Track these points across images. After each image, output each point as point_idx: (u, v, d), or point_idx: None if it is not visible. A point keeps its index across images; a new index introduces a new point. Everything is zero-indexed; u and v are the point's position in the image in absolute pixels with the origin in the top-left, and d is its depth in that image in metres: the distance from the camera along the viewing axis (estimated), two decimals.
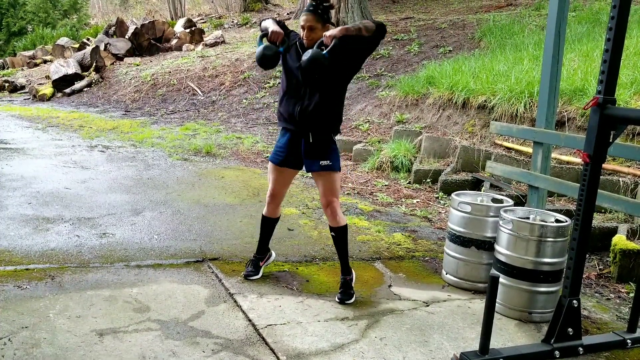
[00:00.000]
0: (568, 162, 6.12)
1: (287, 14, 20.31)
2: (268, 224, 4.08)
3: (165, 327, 3.24)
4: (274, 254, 4.24)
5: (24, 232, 4.64)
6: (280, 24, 3.75)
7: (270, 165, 3.93)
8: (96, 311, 3.37)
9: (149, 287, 3.77)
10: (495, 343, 3.18)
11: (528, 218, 3.74)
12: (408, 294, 3.97)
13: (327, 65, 3.40)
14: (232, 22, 21.08)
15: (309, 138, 3.69)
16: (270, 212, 4.03)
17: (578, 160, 5.82)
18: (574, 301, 3.05)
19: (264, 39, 3.69)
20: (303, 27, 3.57)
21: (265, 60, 3.61)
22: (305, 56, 3.41)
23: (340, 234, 3.79)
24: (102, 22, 25.83)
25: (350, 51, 3.54)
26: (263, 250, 4.13)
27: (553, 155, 5.76)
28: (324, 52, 3.40)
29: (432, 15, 15.12)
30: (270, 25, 3.68)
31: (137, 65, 15.44)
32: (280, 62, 3.70)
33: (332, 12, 3.61)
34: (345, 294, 3.76)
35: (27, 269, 3.92)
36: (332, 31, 3.43)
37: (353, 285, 3.84)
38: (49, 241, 4.47)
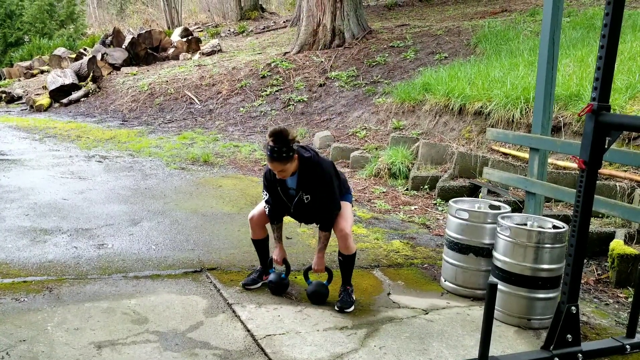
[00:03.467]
0: (565, 168, 6.13)
1: (284, 22, 20.39)
2: (260, 245, 4.14)
3: (163, 338, 3.23)
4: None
5: (21, 244, 4.63)
6: (275, 210, 3.92)
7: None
8: (94, 323, 3.36)
9: (147, 298, 3.76)
10: (494, 350, 3.18)
11: (525, 224, 3.75)
12: (407, 301, 3.96)
13: (328, 294, 3.89)
14: (229, 30, 21.14)
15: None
16: (256, 235, 4.08)
17: (575, 165, 5.83)
18: (573, 307, 3.05)
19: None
20: (273, 170, 3.63)
21: (274, 293, 3.99)
22: (310, 292, 3.88)
23: (348, 260, 3.85)
24: (99, 32, 25.88)
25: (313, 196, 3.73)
26: (266, 266, 4.14)
27: (550, 160, 5.77)
28: (325, 282, 3.92)
29: (428, 22, 15.18)
30: (274, 253, 4.02)
31: (134, 74, 15.45)
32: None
33: (292, 141, 3.58)
34: (344, 302, 3.76)
35: (24, 282, 3.91)
36: (317, 264, 3.88)
37: (352, 294, 3.84)
38: (46, 253, 4.46)
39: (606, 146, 2.84)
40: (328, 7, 13.14)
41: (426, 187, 6.97)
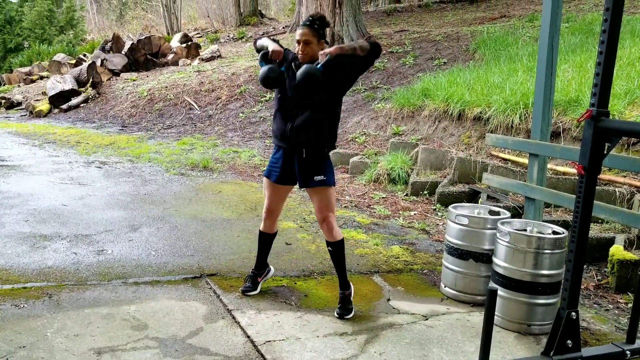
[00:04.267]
0: (564, 173, 6.14)
1: (283, 27, 20.42)
2: (265, 240, 4.08)
3: (163, 344, 3.23)
4: (272, 270, 4.24)
5: (21, 250, 4.63)
6: (275, 42, 3.78)
7: (265, 180, 3.94)
8: (94, 329, 3.35)
9: (146, 304, 3.76)
10: (494, 356, 3.17)
11: (525, 230, 3.75)
12: (407, 307, 3.96)
13: (321, 79, 3.42)
14: (228, 36, 21.17)
15: (302, 154, 3.70)
16: (267, 227, 4.03)
17: (574, 171, 5.84)
18: (573, 313, 3.04)
19: (265, 58, 3.71)
20: (299, 42, 3.59)
21: (269, 82, 3.64)
22: (300, 71, 3.43)
23: (337, 249, 3.79)
24: (99, 38, 25.93)
25: (344, 69, 3.56)
26: (261, 265, 4.12)
27: (549, 165, 5.78)
28: (319, 67, 3.43)
29: (427, 27, 15.22)
30: (269, 44, 3.71)
31: (134, 80, 15.48)
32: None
33: (327, 29, 3.65)
34: (344, 308, 3.75)
35: (24, 288, 3.91)
36: (327, 49, 3.47)
37: (352, 299, 3.84)
38: (46, 259, 4.46)
39: (605, 152, 2.85)
40: (327, 13, 13.17)
41: (426, 192, 6.98)
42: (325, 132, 3.70)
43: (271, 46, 3.68)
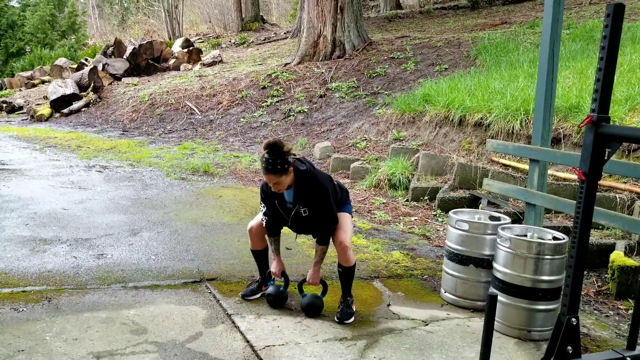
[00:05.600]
0: (565, 179, 6.13)
1: (284, 33, 20.48)
2: (259, 255, 4.12)
3: (162, 349, 3.22)
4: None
5: (20, 253, 4.63)
6: (276, 254, 3.98)
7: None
8: (93, 333, 3.35)
9: (146, 308, 3.75)
10: None
11: (526, 236, 3.74)
12: (407, 313, 3.95)
13: (323, 306, 3.85)
14: (230, 41, 21.23)
15: None
16: (256, 245, 4.06)
17: (574, 176, 5.84)
18: (573, 319, 3.03)
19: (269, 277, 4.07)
20: (268, 183, 3.62)
21: (273, 305, 3.94)
22: (305, 304, 3.84)
23: (347, 272, 3.83)
24: (100, 43, 26.00)
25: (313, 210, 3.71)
26: (266, 276, 4.12)
27: (550, 171, 5.78)
28: (320, 295, 3.88)
29: (428, 33, 15.25)
30: (272, 264, 3.99)
31: (135, 85, 15.51)
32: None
33: (289, 157, 3.57)
34: (344, 313, 3.75)
35: (23, 291, 3.90)
36: (313, 277, 3.84)
37: (352, 305, 3.83)
38: (46, 263, 4.45)
39: (606, 157, 2.85)
40: (329, 18, 13.21)
41: (426, 198, 6.98)
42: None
43: (272, 268, 3.97)
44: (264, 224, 3.90)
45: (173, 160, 9.07)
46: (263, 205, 3.87)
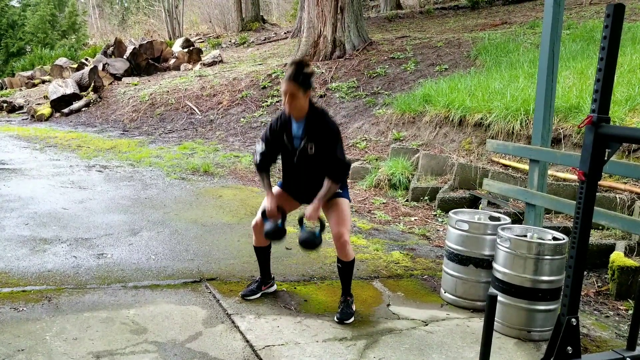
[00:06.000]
0: (565, 179, 6.13)
1: (285, 33, 20.48)
2: (261, 253, 4.09)
3: (162, 349, 3.22)
4: (275, 286, 4.22)
5: (20, 253, 4.63)
6: (269, 190, 3.84)
7: (276, 188, 3.94)
8: (93, 333, 3.35)
9: (146, 308, 3.75)
10: None
11: (525, 236, 3.74)
12: (407, 313, 3.95)
13: (320, 243, 3.73)
14: (230, 41, 21.23)
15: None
16: (259, 241, 4.03)
17: (574, 177, 5.84)
18: (573, 319, 3.03)
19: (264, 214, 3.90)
20: (285, 94, 3.57)
21: (271, 240, 3.91)
22: (302, 240, 3.73)
23: (347, 268, 3.81)
24: (101, 43, 26.01)
25: (322, 147, 3.63)
26: (266, 275, 4.12)
27: (550, 172, 5.78)
28: (317, 233, 3.71)
29: (428, 34, 15.25)
30: (266, 201, 3.84)
31: (135, 84, 15.51)
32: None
33: (312, 78, 3.62)
34: (344, 313, 3.74)
35: (23, 291, 3.90)
36: (312, 212, 3.65)
37: (352, 305, 3.83)
38: (46, 262, 4.45)
39: (606, 158, 2.85)
40: (329, 18, 13.21)
41: (426, 198, 6.98)
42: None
43: (267, 205, 3.81)
44: (257, 160, 3.86)
45: (173, 160, 9.07)
46: (263, 144, 3.79)
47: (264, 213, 3.87)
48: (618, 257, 4.40)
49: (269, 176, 3.91)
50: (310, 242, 3.73)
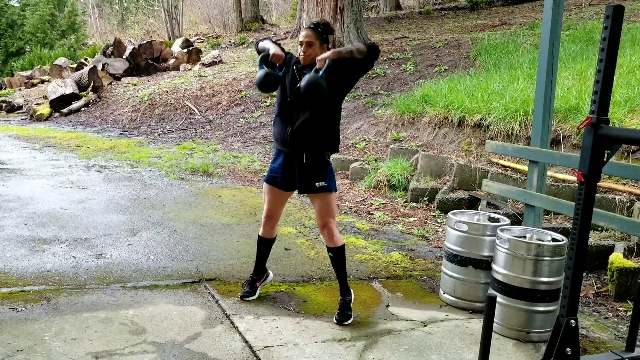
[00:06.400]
0: (564, 180, 6.14)
1: (284, 33, 20.47)
2: (264, 245, 4.07)
3: (161, 349, 3.22)
4: (271, 274, 4.23)
5: (19, 253, 4.62)
6: (277, 45, 3.78)
7: (265, 185, 3.93)
8: (92, 333, 3.34)
9: (145, 308, 3.75)
10: None
11: (525, 237, 3.74)
12: (406, 314, 3.95)
13: (325, 89, 3.41)
14: (229, 41, 21.22)
15: (302, 159, 3.69)
16: (266, 232, 4.02)
17: (574, 178, 5.84)
18: (572, 320, 3.04)
19: (265, 60, 3.70)
20: (301, 43, 3.61)
21: (265, 86, 3.66)
22: (304, 81, 3.43)
23: (338, 255, 3.78)
24: (100, 42, 25.98)
25: (343, 73, 3.57)
26: (260, 270, 4.11)
27: (549, 173, 5.78)
28: (321, 74, 3.41)
29: (427, 34, 15.25)
30: (271, 47, 3.71)
31: (135, 85, 15.50)
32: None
33: (330, 35, 3.72)
34: (343, 314, 3.74)
35: (22, 291, 3.90)
36: (325, 54, 3.48)
37: (351, 306, 3.83)
38: (44, 262, 4.45)
39: (605, 159, 2.85)
40: (328, 19, 13.19)
41: (425, 199, 6.98)
42: (325, 136, 3.69)
43: (272, 49, 3.68)
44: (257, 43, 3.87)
45: (172, 161, 9.07)
46: (262, 63, 3.69)
47: (265, 58, 3.67)
48: (617, 259, 4.40)
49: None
50: (314, 82, 3.38)
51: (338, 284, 3.87)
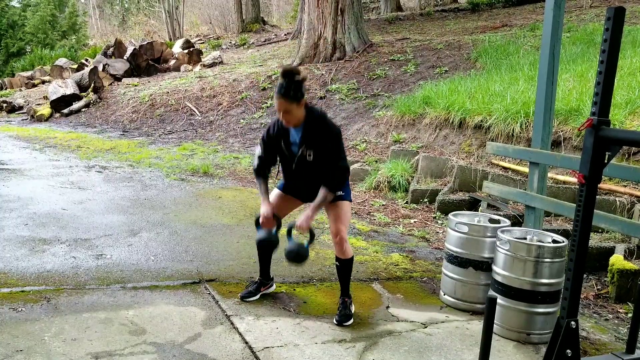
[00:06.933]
0: (564, 182, 6.13)
1: (285, 34, 20.48)
2: (264, 249, 4.08)
3: (161, 350, 3.21)
4: (274, 286, 4.22)
5: (20, 253, 4.62)
6: (266, 200, 3.83)
7: (276, 191, 3.94)
8: (92, 334, 3.34)
9: (145, 309, 3.75)
10: None
11: (525, 238, 3.74)
12: (406, 315, 3.95)
13: (307, 257, 3.71)
14: (230, 42, 21.23)
15: None
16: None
17: (574, 179, 5.84)
18: (572, 322, 3.03)
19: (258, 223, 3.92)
20: (278, 111, 3.51)
21: (263, 249, 3.92)
22: (289, 252, 3.67)
23: (345, 266, 3.80)
24: (101, 43, 26.00)
25: (321, 152, 3.60)
26: (266, 276, 4.11)
27: (549, 174, 5.78)
28: (305, 244, 3.68)
29: (428, 36, 15.26)
30: (261, 208, 3.81)
31: (135, 85, 15.51)
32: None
33: (304, 85, 3.52)
34: (343, 315, 3.74)
35: (22, 291, 3.89)
36: (304, 221, 3.60)
37: (351, 306, 3.83)
38: (45, 263, 4.45)
39: (606, 161, 2.85)
40: (329, 20, 13.22)
41: (426, 200, 6.97)
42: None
43: (262, 212, 3.79)
44: (255, 165, 3.83)
45: (173, 161, 9.07)
46: (261, 149, 3.77)
47: (257, 221, 3.87)
48: (617, 260, 4.40)
49: (266, 182, 3.88)
50: (296, 254, 3.69)
51: (339, 285, 3.88)
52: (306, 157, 3.60)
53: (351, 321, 3.74)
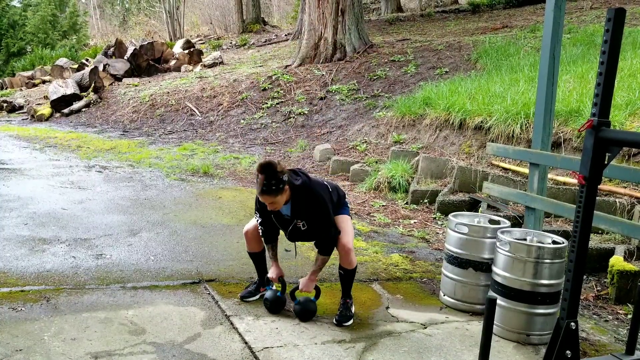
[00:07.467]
0: (564, 183, 6.13)
1: (285, 35, 20.49)
2: (257, 257, 4.12)
3: (160, 350, 3.21)
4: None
5: (19, 253, 4.62)
6: (275, 261, 3.96)
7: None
8: (91, 334, 3.34)
9: (144, 309, 3.75)
10: None
11: (525, 239, 3.74)
12: (406, 315, 3.95)
13: (316, 310, 3.82)
14: (231, 43, 21.24)
15: None
16: (252, 248, 4.06)
17: (574, 181, 5.84)
18: (572, 323, 3.03)
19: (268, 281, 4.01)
20: (265, 202, 3.56)
21: (271, 308, 3.90)
22: (299, 311, 3.79)
23: (349, 274, 3.83)
24: (101, 43, 26.02)
25: (312, 222, 3.69)
26: (264, 278, 4.11)
27: (549, 175, 5.78)
28: (312, 299, 3.83)
29: (429, 37, 15.26)
30: (270, 271, 3.95)
31: (136, 85, 15.51)
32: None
33: (283, 175, 3.56)
34: (343, 316, 3.74)
35: (22, 291, 3.90)
36: (307, 284, 3.80)
37: (351, 307, 3.83)
38: (44, 262, 4.45)
39: (606, 162, 2.85)
40: (330, 21, 13.22)
41: (426, 201, 6.97)
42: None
43: (271, 275, 3.92)
44: (260, 232, 3.90)
45: (173, 161, 9.07)
46: (258, 215, 3.84)
47: (267, 279, 3.97)
48: (617, 262, 4.40)
49: (275, 246, 3.97)
50: (307, 310, 3.79)
51: (339, 286, 3.89)
52: (300, 227, 3.72)
53: (351, 322, 3.74)
